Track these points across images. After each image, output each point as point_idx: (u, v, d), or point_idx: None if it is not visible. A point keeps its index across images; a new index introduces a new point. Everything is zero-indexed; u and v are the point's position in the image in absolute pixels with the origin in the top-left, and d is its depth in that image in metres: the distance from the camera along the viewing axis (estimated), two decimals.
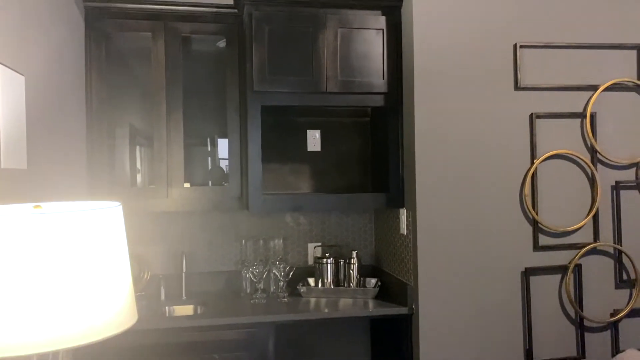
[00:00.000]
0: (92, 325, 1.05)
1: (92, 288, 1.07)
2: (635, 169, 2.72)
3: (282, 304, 2.76)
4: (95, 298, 1.07)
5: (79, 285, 1.05)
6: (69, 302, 1.03)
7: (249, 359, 2.50)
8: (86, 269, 1.07)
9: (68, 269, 1.05)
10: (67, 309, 1.03)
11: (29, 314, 1.00)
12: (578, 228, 2.66)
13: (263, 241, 2.99)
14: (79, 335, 1.03)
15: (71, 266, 1.05)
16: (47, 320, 1.01)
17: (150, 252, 2.99)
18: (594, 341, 2.67)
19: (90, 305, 1.06)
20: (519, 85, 2.60)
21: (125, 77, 2.96)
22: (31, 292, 1.01)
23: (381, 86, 2.74)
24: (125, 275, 1.16)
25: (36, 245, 1.03)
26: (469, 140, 2.58)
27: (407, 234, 2.67)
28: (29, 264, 1.02)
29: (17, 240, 1.02)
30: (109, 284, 1.10)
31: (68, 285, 1.04)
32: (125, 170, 2.98)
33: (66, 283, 1.04)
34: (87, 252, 1.08)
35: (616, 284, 2.70)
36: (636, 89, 2.72)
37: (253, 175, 2.68)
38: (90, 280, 1.07)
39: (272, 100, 2.68)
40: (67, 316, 1.03)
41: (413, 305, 2.58)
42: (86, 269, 1.07)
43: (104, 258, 1.11)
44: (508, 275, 2.60)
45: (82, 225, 1.08)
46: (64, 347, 1.01)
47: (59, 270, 1.04)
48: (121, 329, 1.10)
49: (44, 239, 1.04)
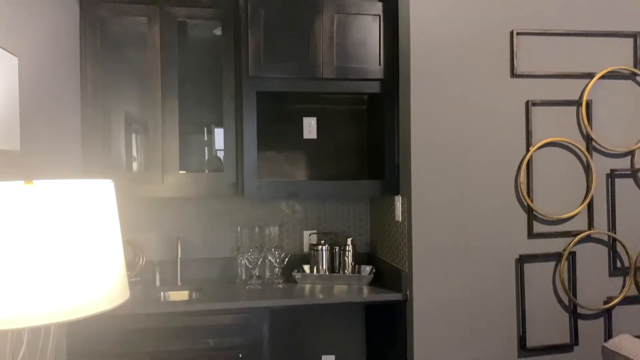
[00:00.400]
0: (84, 300, 1.05)
1: (84, 263, 1.07)
2: (630, 157, 2.72)
3: (277, 290, 2.77)
4: (86, 273, 1.07)
5: (71, 260, 1.05)
6: (60, 276, 1.03)
7: (244, 344, 2.51)
8: (78, 244, 1.07)
9: (59, 244, 1.04)
10: (59, 284, 1.03)
11: (20, 288, 1.00)
12: (573, 216, 2.66)
13: (259, 228, 2.99)
14: (71, 309, 1.03)
15: (62, 241, 1.05)
16: (39, 295, 1.01)
17: (146, 238, 2.99)
18: (587, 328, 2.68)
19: (81, 280, 1.06)
20: (515, 73, 2.59)
21: (121, 63, 2.95)
22: (22, 267, 1.01)
23: (377, 72, 2.73)
24: (117, 252, 1.16)
25: (27, 220, 1.03)
26: (464, 127, 2.58)
27: (402, 220, 2.67)
28: (20, 238, 1.02)
29: (8, 215, 1.02)
30: (100, 259, 1.10)
31: (59, 259, 1.04)
32: (120, 157, 2.98)
33: (57, 258, 1.04)
34: (79, 227, 1.08)
35: (610, 272, 2.71)
36: (632, 77, 2.71)
37: (248, 161, 2.68)
38: (81, 256, 1.07)
39: (268, 86, 2.67)
40: (59, 290, 1.03)
41: (407, 292, 2.58)
42: (78, 244, 1.07)
43: (95, 234, 1.11)
44: (502, 262, 2.61)
45: (73, 201, 1.08)
46: (55, 321, 1.01)
47: (50, 245, 1.03)
48: (113, 305, 1.10)
49: (35, 214, 1.03)
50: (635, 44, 2.70)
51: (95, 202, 1.13)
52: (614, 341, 1.90)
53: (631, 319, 2.70)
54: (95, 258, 1.09)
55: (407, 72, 2.58)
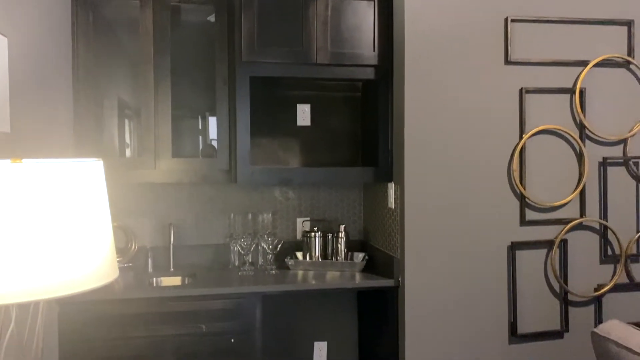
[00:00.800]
0: (72, 277, 1.04)
1: (71, 240, 1.06)
2: (622, 145, 2.73)
3: (269, 276, 2.77)
4: (74, 250, 1.06)
5: (58, 237, 1.05)
6: (47, 253, 1.03)
7: (236, 329, 2.51)
8: (65, 222, 1.06)
9: (47, 221, 1.04)
10: (46, 260, 1.02)
11: (7, 264, 1.00)
12: (565, 203, 2.67)
13: (252, 215, 2.98)
14: (58, 286, 1.03)
15: (50, 218, 1.04)
16: (26, 271, 1.01)
17: (138, 224, 2.98)
18: (577, 315, 2.70)
19: (69, 257, 1.05)
20: (509, 60, 2.59)
21: (113, 47, 2.92)
22: (10, 243, 1.00)
23: (372, 58, 2.72)
24: (106, 230, 1.15)
25: (15, 197, 1.02)
26: (458, 114, 2.57)
27: (394, 207, 2.67)
28: (7, 215, 1.01)
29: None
30: (88, 237, 1.09)
31: (47, 236, 1.03)
32: (113, 143, 2.96)
33: (45, 234, 1.03)
34: (67, 204, 1.07)
35: (601, 259, 2.73)
36: (626, 65, 2.72)
37: (241, 147, 2.67)
38: (69, 233, 1.06)
39: (261, 71, 2.66)
40: (47, 267, 1.02)
41: (399, 278, 2.59)
42: (65, 222, 1.06)
43: (84, 212, 1.10)
44: (494, 249, 2.62)
45: (62, 178, 1.07)
46: (43, 298, 1.00)
47: (38, 221, 1.03)
48: (101, 282, 1.10)
49: (23, 191, 1.02)
50: (630, 32, 2.70)
51: (84, 181, 1.13)
52: (603, 326, 1.91)
53: (621, 306, 2.72)
54: (83, 236, 1.08)
55: (401, 58, 2.57)
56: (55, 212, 1.05)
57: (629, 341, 1.73)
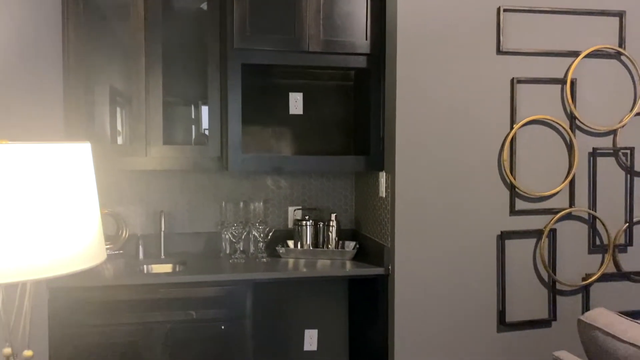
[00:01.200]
0: (59, 258, 1.05)
1: (59, 221, 1.06)
2: (612, 136, 2.75)
3: (260, 264, 2.78)
4: (61, 231, 1.06)
5: (45, 218, 1.04)
6: (34, 233, 1.03)
7: (226, 316, 2.52)
8: (52, 203, 1.06)
9: (34, 202, 1.04)
10: (33, 241, 1.02)
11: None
12: (554, 193, 2.69)
13: (243, 203, 2.98)
14: (46, 267, 1.03)
15: (37, 199, 1.04)
16: (14, 251, 1.00)
17: (129, 211, 2.97)
18: (565, 304, 2.73)
19: (56, 238, 1.05)
20: (501, 49, 2.59)
21: (104, 34, 2.90)
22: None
23: (364, 47, 2.72)
24: (94, 212, 1.15)
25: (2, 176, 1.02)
26: (449, 103, 2.58)
27: (385, 196, 2.68)
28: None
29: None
30: (76, 218, 1.09)
31: (34, 217, 1.03)
32: (105, 130, 2.94)
33: (32, 215, 1.03)
34: (54, 186, 1.07)
35: (589, 249, 2.76)
36: (617, 57, 2.73)
37: (233, 134, 2.67)
38: (56, 214, 1.06)
39: (253, 58, 2.65)
40: (34, 248, 1.02)
41: (389, 266, 2.61)
42: (52, 203, 1.06)
43: (71, 193, 1.10)
44: (484, 238, 2.64)
45: (49, 160, 1.07)
46: (30, 278, 1.00)
47: (25, 202, 1.03)
48: (89, 264, 1.10)
49: (9, 171, 1.02)
50: (621, 23, 2.71)
51: (72, 163, 1.12)
52: (589, 314, 1.93)
53: (608, 295, 2.75)
54: (70, 217, 1.08)
55: (393, 47, 2.57)
56: (41, 193, 1.05)
57: (615, 328, 1.75)
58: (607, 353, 1.74)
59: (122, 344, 2.43)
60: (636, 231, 2.79)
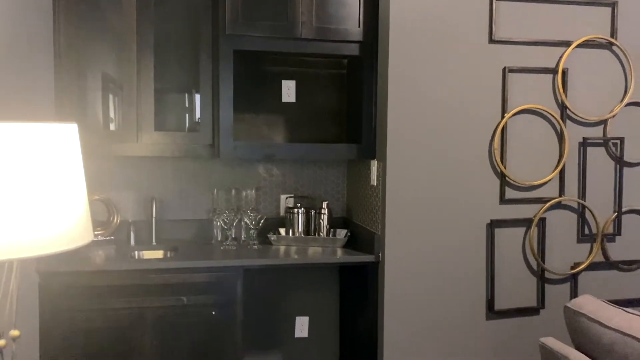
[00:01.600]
0: (45, 237, 1.05)
1: (44, 201, 1.06)
2: (603, 126, 2.76)
3: (252, 251, 2.79)
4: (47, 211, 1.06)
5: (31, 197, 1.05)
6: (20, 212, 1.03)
7: (217, 302, 2.53)
8: (38, 182, 1.06)
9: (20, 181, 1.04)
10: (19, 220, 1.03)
11: None
12: (544, 182, 2.70)
13: (235, 191, 2.99)
14: (32, 246, 1.03)
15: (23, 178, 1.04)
16: None
17: (121, 197, 2.97)
18: (553, 292, 2.75)
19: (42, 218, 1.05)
20: (493, 39, 2.60)
21: (96, 19, 2.86)
22: None
23: (357, 35, 2.71)
24: (80, 193, 1.16)
25: None
26: (441, 92, 2.58)
27: (377, 184, 2.69)
28: None
29: None
30: (62, 199, 1.10)
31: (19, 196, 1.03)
32: (97, 115, 2.93)
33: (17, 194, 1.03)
34: (40, 165, 1.07)
35: (578, 238, 2.78)
36: (609, 47, 2.73)
37: (224, 120, 2.67)
38: (42, 194, 1.06)
39: (245, 45, 2.64)
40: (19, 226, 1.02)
41: (379, 254, 2.62)
42: (38, 182, 1.06)
43: (57, 173, 1.10)
44: (474, 226, 2.65)
45: (35, 140, 1.07)
46: (16, 257, 1.01)
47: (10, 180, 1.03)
48: (74, 244, 1.10)
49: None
50: (613, 13, 2.71)
51: (58, 143, 1.12)
52: (576, 301, 1.95)
53: (596, 283, 2.78)
54: (55, 197, 1.09)
55: (386, 35, 2.57)
56: (26, 172, 1.05)
57: (600, 315, 1.77)
58: (592, 339, 1.76)
59: (113, 329, 2.44)
60: (625, 221, 2.81)
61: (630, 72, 2.74)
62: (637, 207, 2.82)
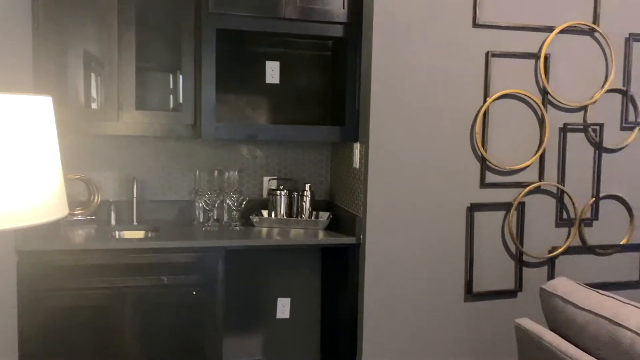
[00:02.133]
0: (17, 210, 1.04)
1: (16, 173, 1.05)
2: (583, 112, 2.79)
3: (233, 232, 2.79)
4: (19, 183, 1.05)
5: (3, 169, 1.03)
6: None
7: (198, 282, 2.53)
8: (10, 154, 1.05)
9: None
10: None
11: None
12: (524, 167, 2.73)
13: (218, 172, 2.97)
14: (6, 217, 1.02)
15: None
16: None
17: (101, 177, 2.94)
18: (531, 276, 2.80)
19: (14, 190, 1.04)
20: (476, 22, 2.60)
21: None
22: None
23: (341, 16, 2.70)
24: (54, 166, 1.14)
25: None
26: (424, 75, 2.59)
27: (359, 167, 2.70)
28: None
29: None
30: (34, 171, 1.08)
31: None
32: (78, 94, 2.89)
33: None
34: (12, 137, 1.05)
35: (556, 223, 2.82)
36: (591, 33, 2.75)
37: (206, 100, 2.65)
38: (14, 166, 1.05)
39: (228, 24, 2.61)
40: None
41: (361, 236, 2.64)
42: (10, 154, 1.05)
43: (30, 146, 1.09)
44: (454, 210, 2.68)
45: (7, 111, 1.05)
46: None
47: None
48: (49, 218, 1.09)
49: None
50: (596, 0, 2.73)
51: (32, 115, 1.11)
52: (550, 283, 1.99)
53: (573, 267, 2.83)
54: (28, 169, 1.07)
55: (370, 17, 2.56)
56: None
57: (574, 296, 1.80)
58: (566, 320, 1.79)
59: (93, 308, 2.43)
60: (602, 206, 2.86)
61: (612, 58, 2.77)
62: (615, 193, 2.86)
